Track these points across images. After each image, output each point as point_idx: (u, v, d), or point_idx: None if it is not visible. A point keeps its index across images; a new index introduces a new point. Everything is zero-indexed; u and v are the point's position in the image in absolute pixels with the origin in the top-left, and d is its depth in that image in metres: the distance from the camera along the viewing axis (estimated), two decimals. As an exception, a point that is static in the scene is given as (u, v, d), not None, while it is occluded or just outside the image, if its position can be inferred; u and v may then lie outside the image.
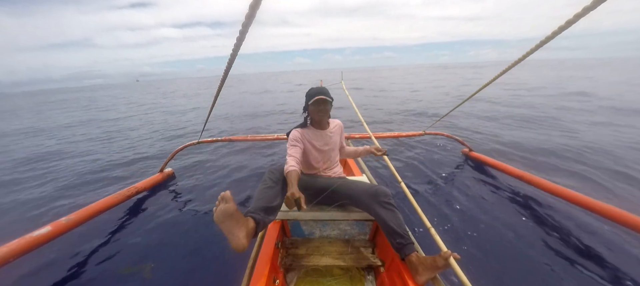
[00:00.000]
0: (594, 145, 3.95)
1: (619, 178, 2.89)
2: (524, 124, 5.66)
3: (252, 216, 1.18)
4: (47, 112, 13.81)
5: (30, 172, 4.17)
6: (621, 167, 3.16)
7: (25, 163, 4.67)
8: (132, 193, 2.75)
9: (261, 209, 1.23)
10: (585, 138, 4.39)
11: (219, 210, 1.06)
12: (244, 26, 0.91)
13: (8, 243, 1.70)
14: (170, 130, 6.97)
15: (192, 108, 11.71)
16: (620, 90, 10.05)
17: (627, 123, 5.27)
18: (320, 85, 1.78)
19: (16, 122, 10.35)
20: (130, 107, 13.38)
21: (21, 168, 4.39)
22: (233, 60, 1.20)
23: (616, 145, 3.94)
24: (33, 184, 3.62)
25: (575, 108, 7.12)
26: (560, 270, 1.69)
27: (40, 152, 5.34)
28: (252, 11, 0.82)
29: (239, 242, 1.04)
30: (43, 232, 1.87)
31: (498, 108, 7.63)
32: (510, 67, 1.54)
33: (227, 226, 1.06)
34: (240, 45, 1.03)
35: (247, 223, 1.12)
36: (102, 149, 5.36)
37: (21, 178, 3.89)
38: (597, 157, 3.52)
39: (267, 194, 1.30)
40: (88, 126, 8.36)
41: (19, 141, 6.68)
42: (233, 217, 1.07)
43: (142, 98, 19.18)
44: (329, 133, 1.71)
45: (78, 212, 2.19)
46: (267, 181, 1.37)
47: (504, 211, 2.34)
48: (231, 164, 4.02)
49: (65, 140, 6.45)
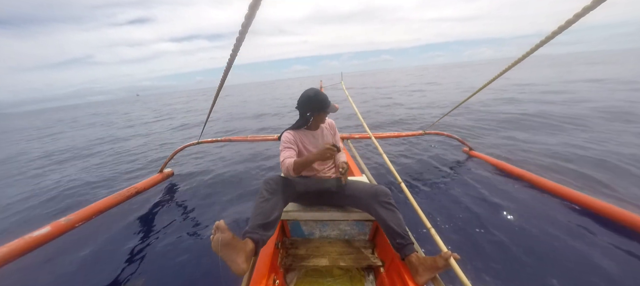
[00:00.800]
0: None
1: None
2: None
3: (250, 237, 1.18)
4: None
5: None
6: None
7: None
8: (132, 193, 2.75)
9: (259, 227, 1.22)
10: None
11: (215, 240, 1.07)
12: (241, 33, 0.92)
13: (8, 243, 1.70)
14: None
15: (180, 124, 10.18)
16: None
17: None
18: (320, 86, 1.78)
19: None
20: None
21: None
22: (231, 65, 1.22)
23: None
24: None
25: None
26: (560, 269, 1.69)
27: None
28: (247, 20, 0.84)
29: (239, 268, 1.07)
30: (43, 232, 1.87)
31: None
32: (510, 66, 1.53)
33: (225, 254, 1.07)
34: (237, 51, 1.05)
35: (245, 246, 1.13)
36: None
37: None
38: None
39: (263, 209, 1.27)
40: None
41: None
42: (230, 245, 1.08)
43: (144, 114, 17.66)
44: (320, 133, 1.70)
45: (78, 212, 2.19)
46: (263, 194, 1.33)
47: (504, 210, 2.33)
48: (230, 164, 4.02)
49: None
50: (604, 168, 2.96)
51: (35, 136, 11.39)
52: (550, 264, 1.74)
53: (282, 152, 1.51)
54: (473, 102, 7.84)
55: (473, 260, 1.79)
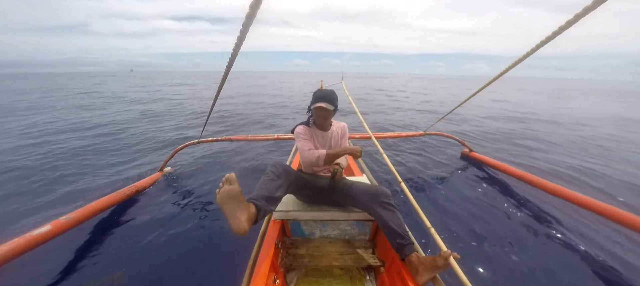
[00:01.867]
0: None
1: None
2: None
3: (254, 203, 1.18)
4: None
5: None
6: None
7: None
8: (132, 192, 2.76)
9: (263, 197, 1.23)
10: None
11: (222, 190, 1.05)
12: (245, 26, 0.91)
13: (8, 242, 1.70)
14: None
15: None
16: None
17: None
18: (321, 86, 1.79)
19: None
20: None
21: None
22: (234, 59, 1.21)
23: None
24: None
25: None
26: (559, 269, 1.69)
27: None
28: (252, 11, 0.83)
29: (240, 225, 1.04)
30: (43, 231, 1.87)
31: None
32: (507, 70, 1.58)
33: (230, 208, 1.05)
34: (240, 44, 1.04)
35: (248, 207, 1.12)
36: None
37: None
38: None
39: (269, 185, 1.30)
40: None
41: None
42: (236, 199, 1.06)
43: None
44: (329, 135, 1.70)
45: (78, 211, 2.19)
46: (269, 174, 1.37)
47: (503, 211, 2.33)
48: (231, 164, 4.02)
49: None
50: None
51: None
52: (550, 263, 1.74)
53: (303, 143, 1.55)
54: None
55: (473, 260, 1.79)
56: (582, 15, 0.96)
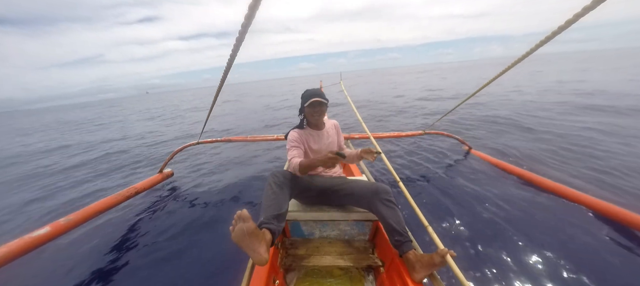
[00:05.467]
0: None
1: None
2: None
3: (268, 228, 1.19)
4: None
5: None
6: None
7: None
8: (132, 193, 2.75)
9: (273, 217, 1.24)
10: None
11: (237, 228, 1.05)
12: (243, 26, 0.92)
13: (7, 244, 1.70)
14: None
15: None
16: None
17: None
18: (320, 86, 1.80)
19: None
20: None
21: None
22: (233, 60, 1.22)
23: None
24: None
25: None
26: (559, 269, 1.69)
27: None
28: (251, 11, 0.83)
29: (262, 258, 1.05)
30: (42, 233, 1.87)
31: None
32: (515, 63, 1.51)
33: (247, 243, 1.05)
34: (240, 45, 1.05)
35: (264, 236, 1.13)
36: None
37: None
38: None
39: (275, 201, 1.31)
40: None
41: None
42: (252, 234, 1.06)
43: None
44: (325, 133, 1.74)
45: (77, 213, 2.19)
46: (272, 186, 1.36)
47: (502, 210, 2.33)
48: (230, 165, 4.02)
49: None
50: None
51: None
52: (549, 262, 1.74)
53: (289, 151, 1.57)
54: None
55: (469, 257, 1.80)
56: (582, 15, 0.96)
